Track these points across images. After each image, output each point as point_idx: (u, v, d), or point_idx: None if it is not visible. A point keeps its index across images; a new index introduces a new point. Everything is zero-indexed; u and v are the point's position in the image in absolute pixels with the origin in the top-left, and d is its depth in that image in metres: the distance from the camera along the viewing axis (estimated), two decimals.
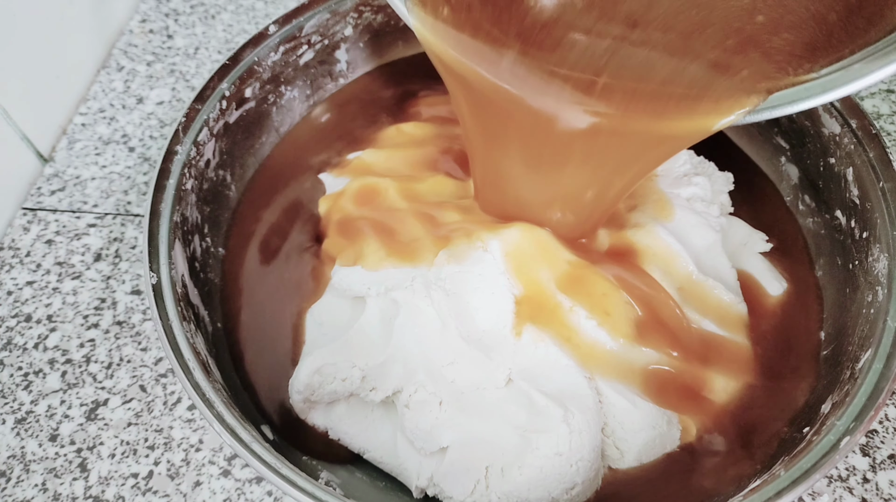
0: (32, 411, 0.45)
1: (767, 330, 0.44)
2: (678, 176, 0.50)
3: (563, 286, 0.43)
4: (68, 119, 0.61)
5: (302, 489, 0.34)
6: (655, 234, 0.46)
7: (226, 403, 0.37)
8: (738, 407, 0.41)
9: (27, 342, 0.48)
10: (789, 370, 0.43)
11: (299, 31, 0.54)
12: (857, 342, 0.41)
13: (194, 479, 0.43)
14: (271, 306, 0.46)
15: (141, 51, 0.66)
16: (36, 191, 0.56)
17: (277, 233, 0.49)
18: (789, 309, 0.45)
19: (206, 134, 0.49)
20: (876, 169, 0.45)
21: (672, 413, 0.41)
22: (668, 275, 0.45)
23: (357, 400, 0.42)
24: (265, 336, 0.45)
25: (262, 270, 0.48)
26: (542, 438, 0.39)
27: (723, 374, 0.42)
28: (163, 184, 0.45)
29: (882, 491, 0.42)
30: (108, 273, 0.51)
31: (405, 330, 0.43)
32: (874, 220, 0.43)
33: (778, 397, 0.41)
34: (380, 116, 0.56)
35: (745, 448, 0.39)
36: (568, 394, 0.40)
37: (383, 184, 0.48)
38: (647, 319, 0.43)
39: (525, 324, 0.42)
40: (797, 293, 0.46)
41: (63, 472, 0.43)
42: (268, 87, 0.54)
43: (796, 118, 0.51)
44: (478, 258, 0.44)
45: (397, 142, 0.53)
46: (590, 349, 0.42)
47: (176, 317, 0.40)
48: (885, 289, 0.41)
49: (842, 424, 0.36)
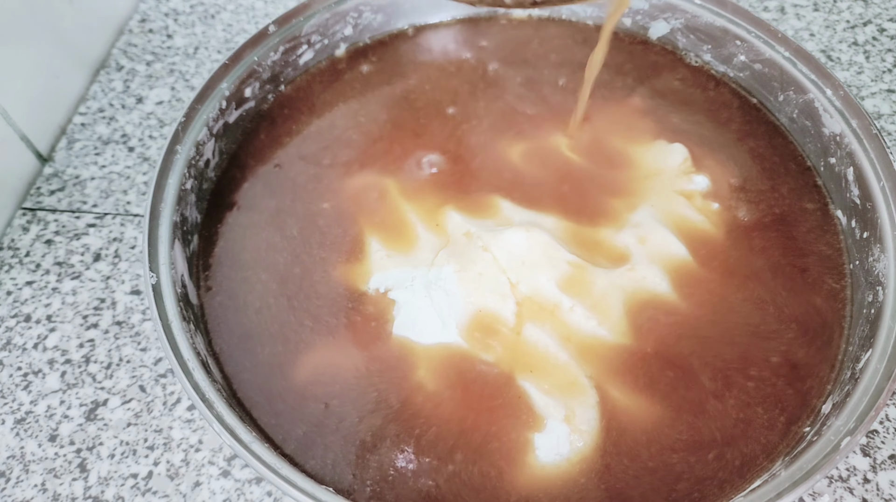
0: (32, 411, 0.45)
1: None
2: (678, 173, 0.50)
3: (563, 286, 0.43)
4: (68, 119, 0.61)
5: (302, 489, 0.34)
6: (654, 233, 0.46)
7: (226, 403, 0.37)
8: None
9: (26, 342, 0.48)
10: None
11: (299, 31, 0.54)
12: (857, 342, 0.41)
13: (194, 480, 0.43)
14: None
15: (141, 50, 0.66)
16: (35, 191, 0.56)
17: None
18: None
19: (205, 134, 0.48)
20: (876, 169, 0.45)
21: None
22: (667, 274, 0.45)
23: None
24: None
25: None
26: (542, 438, 0.39)
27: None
28: (163, 184, 0.45)
29: (882, 491, 0.42)
30: (107, 273, 0.51)
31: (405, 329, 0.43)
32: (875, 220, 0.43)
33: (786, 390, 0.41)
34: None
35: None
36: (569, 393, 0.40)
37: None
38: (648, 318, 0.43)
39: (525, 323, 0.43)
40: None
41: (62, 473, 0.43)
42: (267, 87, 0.54)
43: (797, 118, 0.51)
44: (478, 258, 0.44)
45: None
46: (590, 348, 0.42)
47: (176, 317, 0.40)
48: (885, 289, 0.41)
49: (842, 424, 0.36)
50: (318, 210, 0.49)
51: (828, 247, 0.47)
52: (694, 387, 0.41)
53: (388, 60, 0.58)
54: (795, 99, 0.51)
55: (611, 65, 0.57)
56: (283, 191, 0.50)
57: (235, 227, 0.49)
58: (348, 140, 0.53)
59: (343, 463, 0.39)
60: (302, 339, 0.44)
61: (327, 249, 0.47)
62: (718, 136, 0.53)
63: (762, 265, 0.46)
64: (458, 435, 0.40)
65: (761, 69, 0.53)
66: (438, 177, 0.51)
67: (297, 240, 0.48)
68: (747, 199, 0.49)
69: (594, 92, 0.51)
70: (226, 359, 0.43)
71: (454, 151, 0.52)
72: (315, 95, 0.56)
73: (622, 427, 0.40)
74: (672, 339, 0.43)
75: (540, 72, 0.57)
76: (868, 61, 0.63)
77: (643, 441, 0.39)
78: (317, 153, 0.53)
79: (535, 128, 0.53)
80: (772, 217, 0.48)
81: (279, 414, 0.41)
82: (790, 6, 0.68)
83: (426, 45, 0.59)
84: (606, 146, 0.52)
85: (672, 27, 0.57)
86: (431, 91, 0.56)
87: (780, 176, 0.50)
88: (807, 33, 0.66)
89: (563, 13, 0.60)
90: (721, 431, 0.40)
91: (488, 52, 0.59)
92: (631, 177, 0.50)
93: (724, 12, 0.54)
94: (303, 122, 0.54)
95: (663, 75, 0.57)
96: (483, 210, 0.48)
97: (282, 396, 0.41)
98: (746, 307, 0.44)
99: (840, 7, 0.68)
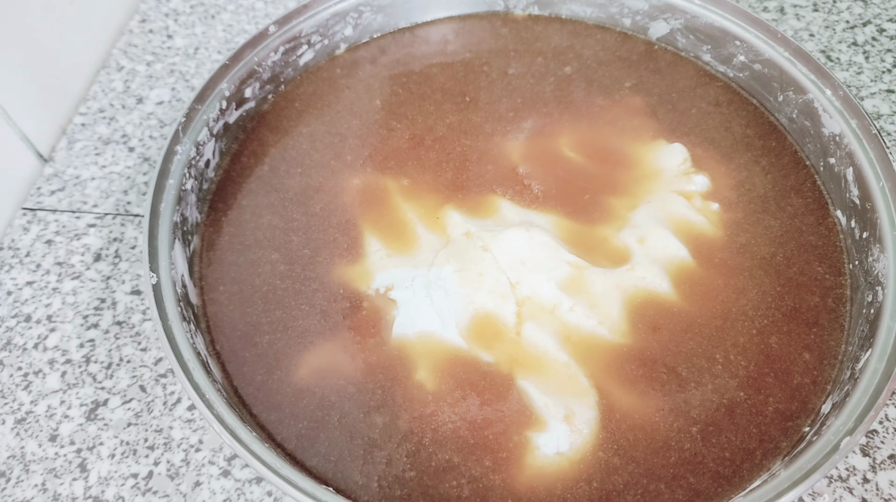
0: (32, 411, 0.45)
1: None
2: (677, 173, 0.50)
3: (563, 286, 0.44)
4: (68, 119, 0.61)
5: (302, 489, 0.34)
6: (654, 233, 0.46)
7: (226, 403, 0.37)
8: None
9: (27, 342, 0.48)
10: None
11: (299, 31, 0.54)
12: (856, 342, 0.41)
13: (194, 479, 0.43)
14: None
15: (141, 51, 0.66)
16: (36, 191, 0.56)
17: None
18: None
19: (205, 134, 0.49)
20: (876, 169, 0.45)
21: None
22: (667, 274, 0.45)
23: None
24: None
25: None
26: (542, 437, 0.39)
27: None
28: (163, 184, 0.45)
29: (882, 491, 0.42)
30: (107, 273, 0.51)
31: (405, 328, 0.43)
32: (874, 220, 0.43)
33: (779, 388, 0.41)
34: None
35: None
36: (569, 393, 0.40)
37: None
38: (647, 318, 0.43)
39: (525, 323, 0.43)
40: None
41: (63, 472, 0.43)
42: (268, 88, 0.54)
43: (797, 118, 0.51)
44: (478, 258, 0.44)
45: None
46: (590, 348, 0.42)
47: (176, 317, 0.40)
48: (885, 289, 0.41)
49: (842, 424, 0.36)
50: (318, 210, 0.49)
51: (827, 247, 0.47)
52: (693, 387, 0.41)
53: (388, 60, 0.58)
54: (795, 99, 0.51)
55: (611, 65, 0.58)
56: (283, 192, 0.50)
57: (235, 228, 0.49)
58: (348, 140, 0.53)
59: (343, 463, 0.39)
60: (302, 339, 0.44)
61: (327, 249, 0.47)
62: (718, 137, 0.53)
63: (761, 265, 0.46)
64: (458, 434, 0.40)
65: (761, 69, 0.53)
66: (438, 177, 0.51)
67: (297, 240, 0.48)
68: (747, 199, 0.49)
69: (594, 92, 0.51)
70: (226, 359, 0.43)
71: (454, 151, 0.52)
72: (315, 95, 0.56)
73: (621, 426, 0.40)
74: (672, 339, 0.43)
75: (540, 70, 0.57)
76: (867, 61, 0.63)
77: (642, 440, 0.39)
78: (317, 153, 0.53)
79: (535, 128, 0.53)
80: (771, 217, 0.48)
81: (279, 414, 0.41)
82: (790, 6, 0.68)
83: (426, 45, 0.60)
84: (606, 146, 0.52)
85: (672, 27, 0.57)
86: (431, 91, 0.56)
87: (779, 176, 0.50)
88: (806, 33, 0.66)
89: (563, 12, 0.60)
90: (721, 431, 0.40)
91: (488, 51, 0.59)
92: (631, 177, 0.50)
93: (723, 12, 0.54)
94: (303, 123, 0.54)
95: (663, 76, 0.57)
96: (483, 210, 0.49)
97: (282, 396, 0.41)
98: (746, 307, 0.44)
99: (840, 7, 0.68)
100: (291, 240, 0.48)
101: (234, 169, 0.52)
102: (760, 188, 0.50)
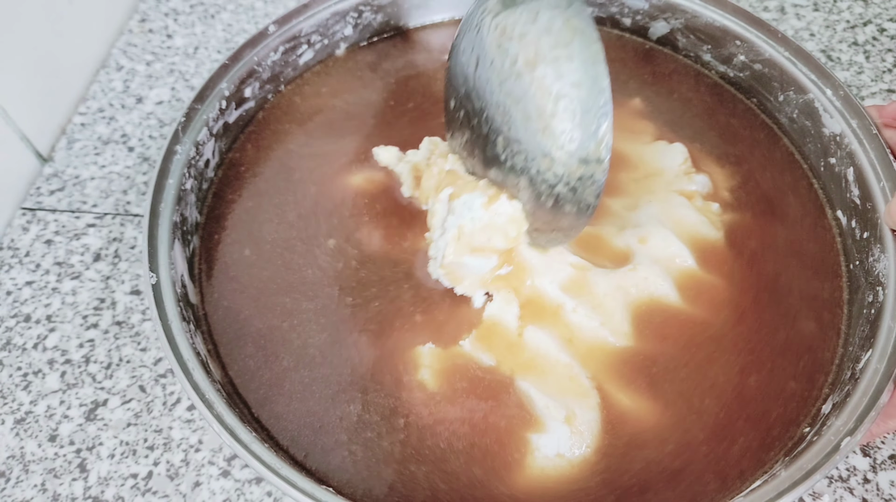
0: (32, 411, 0.45)
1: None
2: (678, 173, 0.50)
3: (565, 287, 0.43)
4: (67, 119, 0.61)
5: (302, 489, 0.34)
6: (655, 233, 0.46)
7: (226, 403, 0.37)
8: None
9: (26, 342, 0.48)
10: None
11: (299, 31, 0.54)
12: (857, 342, 0.41)
13: (194, 480, 0.43)
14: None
15: (140, 50, 0.66)
16: (35, 190, 0.56)
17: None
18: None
19: (205, 134, 0.48)
20: (876, 169, 0.45)
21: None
22: (669, 274, 0.45)
23: None
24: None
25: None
26: (543, 438, 0.39)
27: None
28: (162, 184, 0.45)
29: (882, 491, 0.42)
30: (107, 273, 0.51)
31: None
32: (875, 220, 0.43)
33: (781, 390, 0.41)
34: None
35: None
36: (570, 394, 0.40)
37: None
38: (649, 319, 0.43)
39: (528, 325, 0.43)
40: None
41: (62, 473, 0.43)
42: (268, 87, 0.54)
43: (797, 118, 0.51)
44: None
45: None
46: (592, 349, 0.42)
47: (176, 317, 0.40)
48: (885, 289, 0.41)
49: (842, 424, 0.36)
50: (318, 209, 0.49)
51: (828, 248, 0.47)
52: (694, 388, 0.41)
53: (389, 60, 0.58)
54: (795, 99, 0.51)
55: (611, 65, 0.57)
56: (284, 191, 0.50)
57: (235, 227, 0.49)
58: (349, 140, 0.53)
59: (343, 462, 0.39)
60: (302, 339, 0.44)
61: (328, 248, 0.47)
62: (718, 137, 0.53)
63: (762, 265, 0.46)
64: (459, 435, 0.40)
65: (761, 69, 0.53)
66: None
67: (297, 239, 0.48)
68: (747, 200, 0.49)
69: None
70: (226, 359, 0.43)
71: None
72: (315, 95, 0.56)
73: (623, 428, 0.40)
74: (673, 340, 0.43)
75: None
76: (868, 61, 0.63)
77: (644, 442, 0.39)
78: (317, 153, 0.52)
79: None
80: (771, 217, 0.48)
81: (279, 414, 0.41)
82: (790, 6, 0.68)
83: (426, 45, 0.59)
84: None
85: (672, 27, 0.57)
86: (432, 90, 0.56)
87: (779, 176, 0.50)
88: (807, 33, 0.66)
89: None
90: (721, 431, 0.40)
91: None
92: (631, 178, 0.50)
93: (724, 12, 0.54)
94: (303, 123, 0.54)
95: (663, 76, 0.57)
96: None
97: (282, 396, 0.41)
98: (746, 306, 0.44)
99: (840, 7, 0.68)
100: (291, 240, 0.48)
101: (234, 169, 0.52)
102: (760, 188, 0.50)
